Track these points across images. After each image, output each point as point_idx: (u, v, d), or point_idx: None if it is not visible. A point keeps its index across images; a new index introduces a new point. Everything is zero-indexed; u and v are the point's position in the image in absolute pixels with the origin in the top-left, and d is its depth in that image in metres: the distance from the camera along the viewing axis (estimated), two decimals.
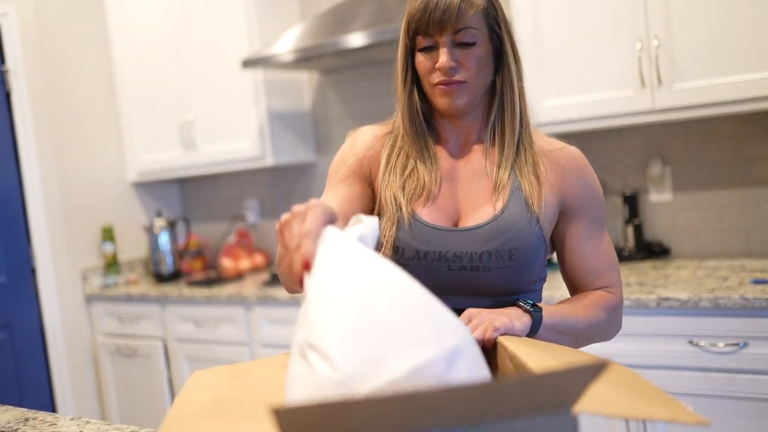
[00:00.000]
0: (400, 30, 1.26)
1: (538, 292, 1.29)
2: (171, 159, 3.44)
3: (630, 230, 2.62)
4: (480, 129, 1.28)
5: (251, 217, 3.66)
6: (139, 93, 3.51)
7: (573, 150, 1.27)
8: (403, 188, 1.25)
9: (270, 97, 3.17)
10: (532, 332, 1.12)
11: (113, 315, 3.36)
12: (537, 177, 1.22)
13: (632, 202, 2.64)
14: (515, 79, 1.25)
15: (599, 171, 2.71)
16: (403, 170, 1.27)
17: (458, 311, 1.24)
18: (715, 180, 2.55)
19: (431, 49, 1.21)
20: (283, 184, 3.57)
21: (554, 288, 2.11)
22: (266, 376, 0.99)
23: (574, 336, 1.20)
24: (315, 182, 3.43)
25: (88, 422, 1.41)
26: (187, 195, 3.93)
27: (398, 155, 1.29)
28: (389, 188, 1.26)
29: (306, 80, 3.41)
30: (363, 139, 1.33)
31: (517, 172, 1.22)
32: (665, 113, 2.29)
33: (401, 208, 1.23)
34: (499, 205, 1.20)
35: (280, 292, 2.81)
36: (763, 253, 2.47)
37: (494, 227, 1.18)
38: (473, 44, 1.19)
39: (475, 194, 1.24)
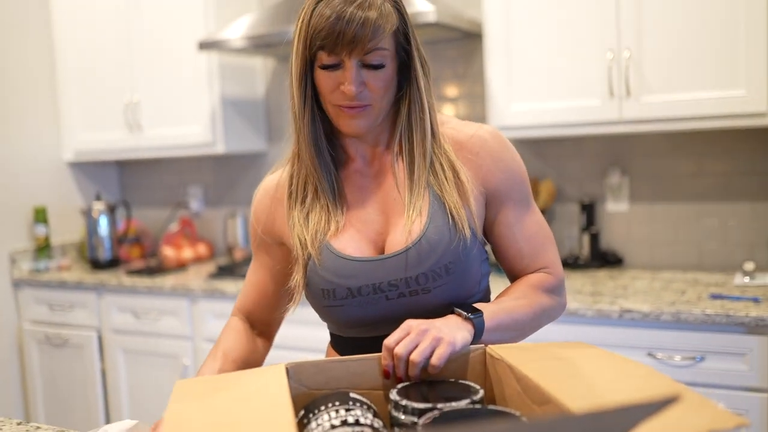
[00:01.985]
0: (294, 37, 1.12)
1: (484, 290, 1.23)
2: (113, 140, 3.26)
3: (586, 238, 2.63)
4: (388, 139, 1.21)
5: (195, 205, 3.52)
6: (81, 66, 3.31)
7: (485, 134, 1.19)
8: (307, 223, 1.17)
9: (224, 82, 3.05)
10: (476, 339, 1.07)
11: (43, 302, 3.17)
12: (457, 179, 1.15)
13: (589, 211, 2.65)
14: (424, 96, 1.16)
15: (558, 177, 2.73)
16: (304, 200, 1.18)
17: None
18: (671, 193, 2.59)
19: (335, 67, 1.09)
20: (229, 173, 3.44)
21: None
22: (251, 390, 0.93)
23: (521, 329, 1.16)
24: (263, 172, 3.32)
25: (38, 428, 1.30)
26: (126, 178, 3.75)
27: (297, 186, 1.19)
28: (294, 229, 1.18)
29: (260, 67, 3.29)
30: (260, 205, 1.27)
31: (435, 188, 1.15)
32: (631, 125, 2.30)
33: (307, 247, 1.15)
34: (422, 224, 1.12)
35: (228, 286, 2.70)
36: (715, 267, 2.52)
37: (420, 249, 1.11)
38: (382, 66, 1.10)
39: (393, 212, 1.17)
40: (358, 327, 1.18)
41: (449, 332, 1.01)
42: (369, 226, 1.17)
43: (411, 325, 1.02)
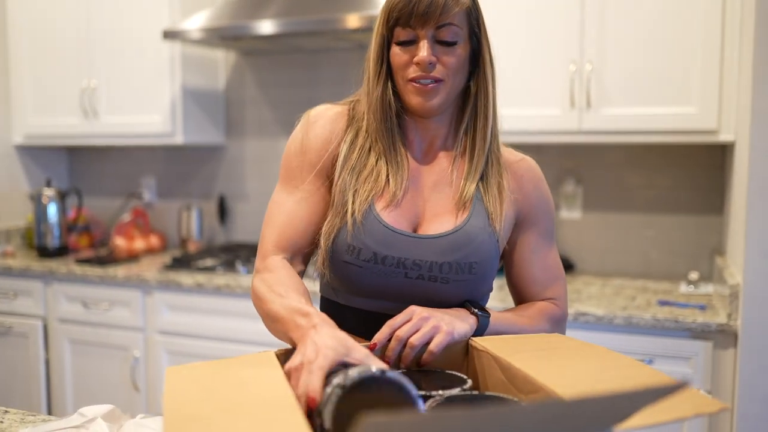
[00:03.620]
0: (376, 20, 1.20)
1: (485, 303, 1.28)
2: (67, 125, 3.18)
3: None
4: (446, 135, 1.24)
5: (148, 195, 3.47)
6: (35, 47, 3.22)
7: (531, 162, 1.28)
8: (356, 191, 1.17)
9: (185, 72, 3.01)
10: (474, 336, 1.11)
11: None
12: (500, 192, 1.21)
13: None
14: (490, 85, 1.21)
15: None
16: (362, 170, 1.19)
17: None
18: (622, 203, 2.70)
19: (410, 43, 1.15)
20: (183, 164, 3.40)
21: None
22: (246, 376, 0.93)
23: None
24: (221, 165, 3.30)
25: (6, 411, 1.27)
26: (75, 165, 3.66)
27: (360, 154, 1.20)
28: (341, 190, 1.18)
29: (222, 59, 3.27)
30: (323, 131, 1.23)
31: (482, 185, 1.20)
32: (590, 135, 2.39)
33: (349, 213, 1.15)
34: (463, 217, 1.17)
35: (185, 278, 2.68)
36: (660, 275, 2.64)
37: (456, 238, 1.15)
38: (454, 43, 1.15)
39: (437, 202, 1.20)
40: (364, 295, 1.18)
41: (449, 322, 1.06)
42: (411, 208, 1.19)
43: (414, 310, 1.06)
